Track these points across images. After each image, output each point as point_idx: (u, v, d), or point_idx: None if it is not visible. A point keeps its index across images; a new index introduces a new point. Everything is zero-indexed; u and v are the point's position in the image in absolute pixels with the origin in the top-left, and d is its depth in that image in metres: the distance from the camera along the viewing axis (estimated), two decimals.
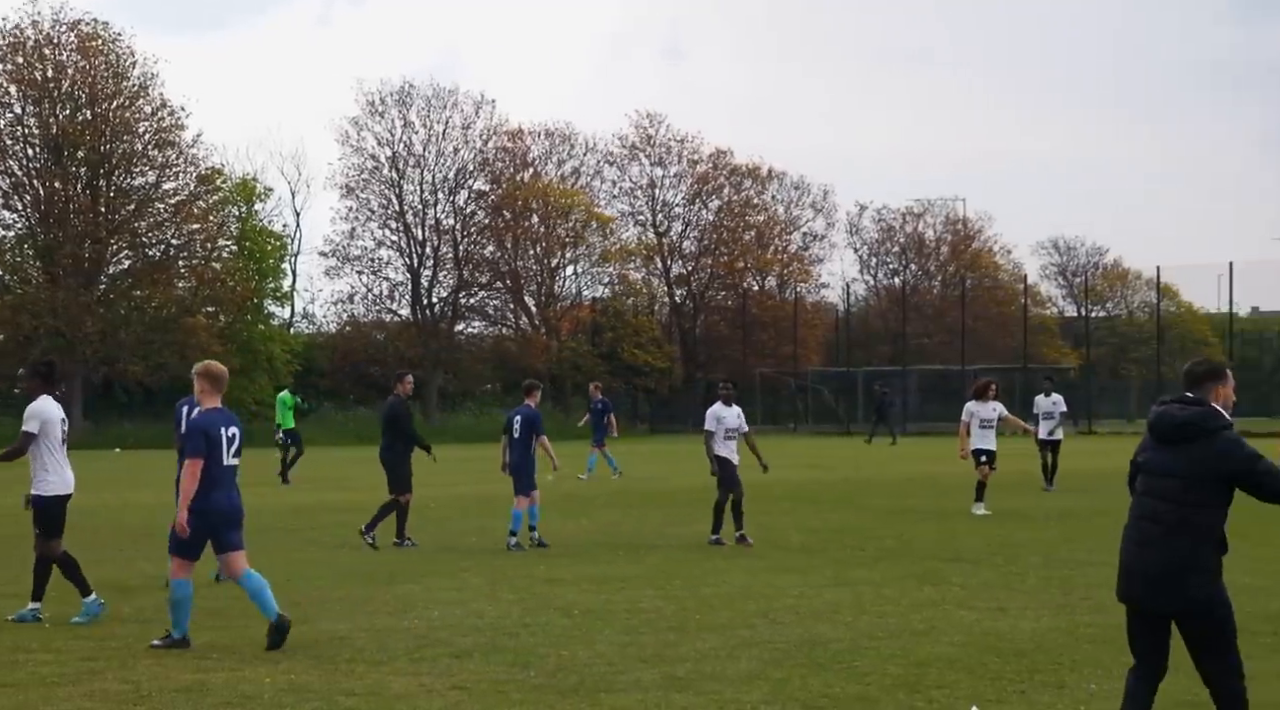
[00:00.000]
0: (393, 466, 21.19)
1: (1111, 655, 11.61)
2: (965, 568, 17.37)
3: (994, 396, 25.58)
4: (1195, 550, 7.96)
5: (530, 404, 21.15)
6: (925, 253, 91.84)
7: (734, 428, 20.76)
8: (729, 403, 20.93)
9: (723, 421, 20.71)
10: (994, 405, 25.45)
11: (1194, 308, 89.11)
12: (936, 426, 73.61)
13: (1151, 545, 8.01)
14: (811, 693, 10.33)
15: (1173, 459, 8.03)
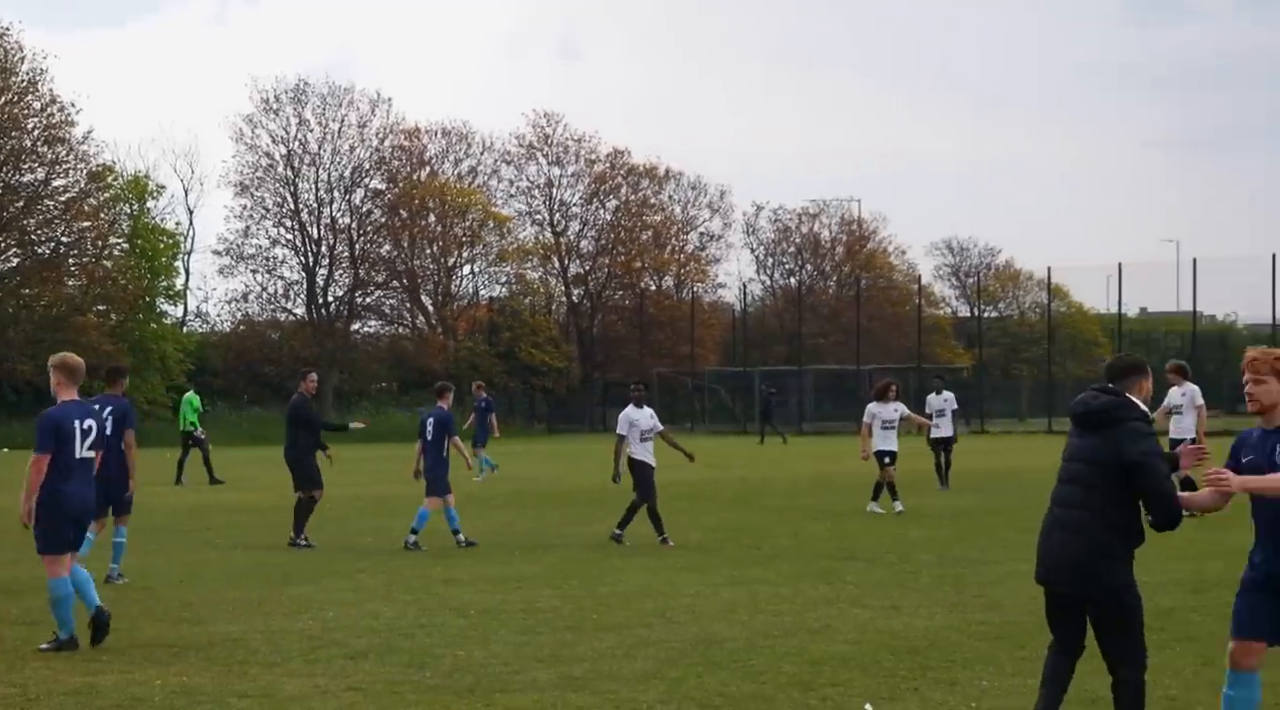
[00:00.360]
0: (296, 464, 21.08)
1: (1005, 652, 11.76)
2: (859, 566, 17.50)
3: (895, 397, 25.78)
4: (1106, 537, 8.20)
5: (443, 406, 21.16)
6: (821, 253, 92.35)
7: (648, 429, 20.76)
8: (640, 404, 20.91)
9: (635, 424, 20.70)
10: (895, 406, 25.64)
11: (1084, 308, 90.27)
12: (832, 426, 74.06)
13: (1065, 530, 8.25)
14: (707, 692, 10.37)
15: (1086, 446, 8.30)
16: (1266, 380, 8.04)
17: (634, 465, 20.58)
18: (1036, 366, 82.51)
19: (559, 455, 49.37)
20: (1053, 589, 8.43)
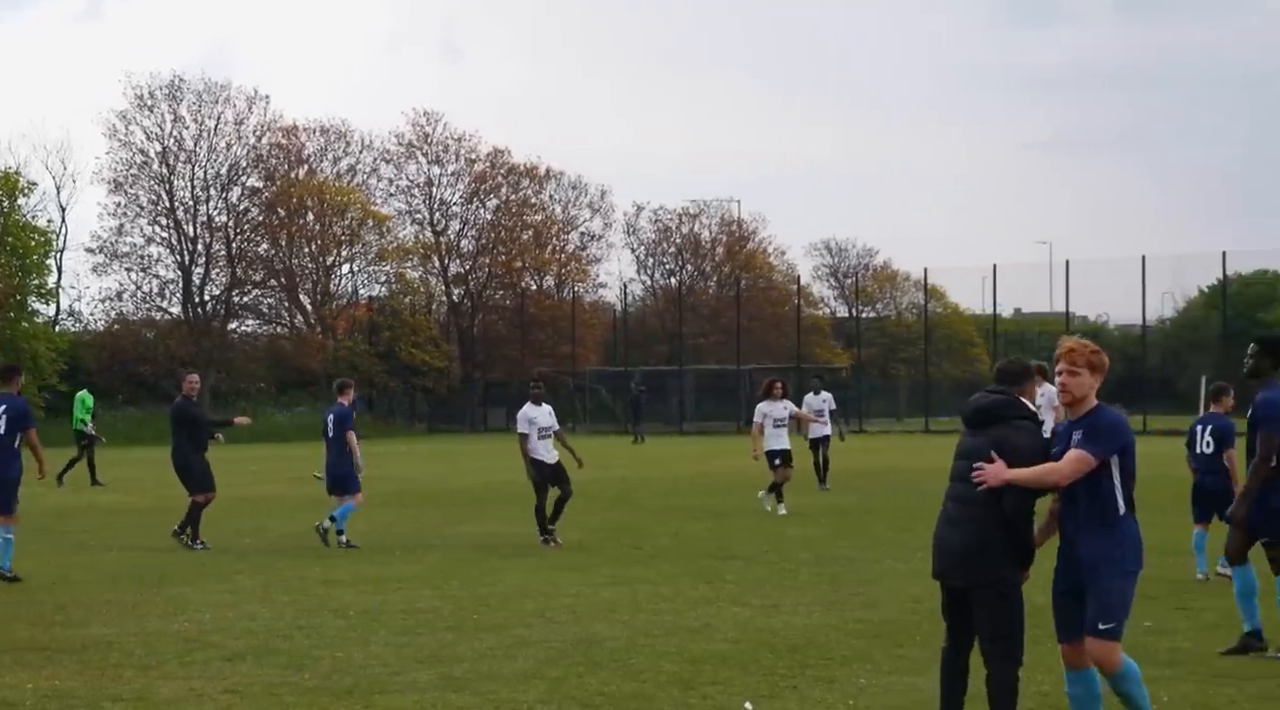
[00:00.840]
0: (186, 469, 20.82)
1: (882, 650, 11.88)
2: (739, 565, 17.59)
3: (784, 395, 25.90)
4: (993, 531, 8.36)
5: (343, 402, 21.17)
6: (701, 253, 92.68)
7: (547, 427, 20.70)
8: (539, 402, 20.86)
9: (535, 422, 20.62)
10: (785, 404, 25.75)
11: (960, 309, 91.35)
12: (712, 425, 74.43)
13: (956, 524, 8.43)
14: (588, 691, 10.38)
15: (975, 443, 8.50)
16: (1081, 372, 8.13)
17: (531, 464, 20.54)
18: (913, 366, 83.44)
19: (439, 455, 49.13)
20: (946, 582, 8.59)
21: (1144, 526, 8.53)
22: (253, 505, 27.31)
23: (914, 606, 13.89)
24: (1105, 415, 8.15)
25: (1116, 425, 8.13)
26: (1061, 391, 8.18)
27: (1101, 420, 8.10)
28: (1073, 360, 8.15)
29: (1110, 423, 8.11)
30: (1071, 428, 8.17)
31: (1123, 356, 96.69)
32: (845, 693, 10.29)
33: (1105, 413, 8.17)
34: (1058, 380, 8.20)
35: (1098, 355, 8.19)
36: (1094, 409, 8.16)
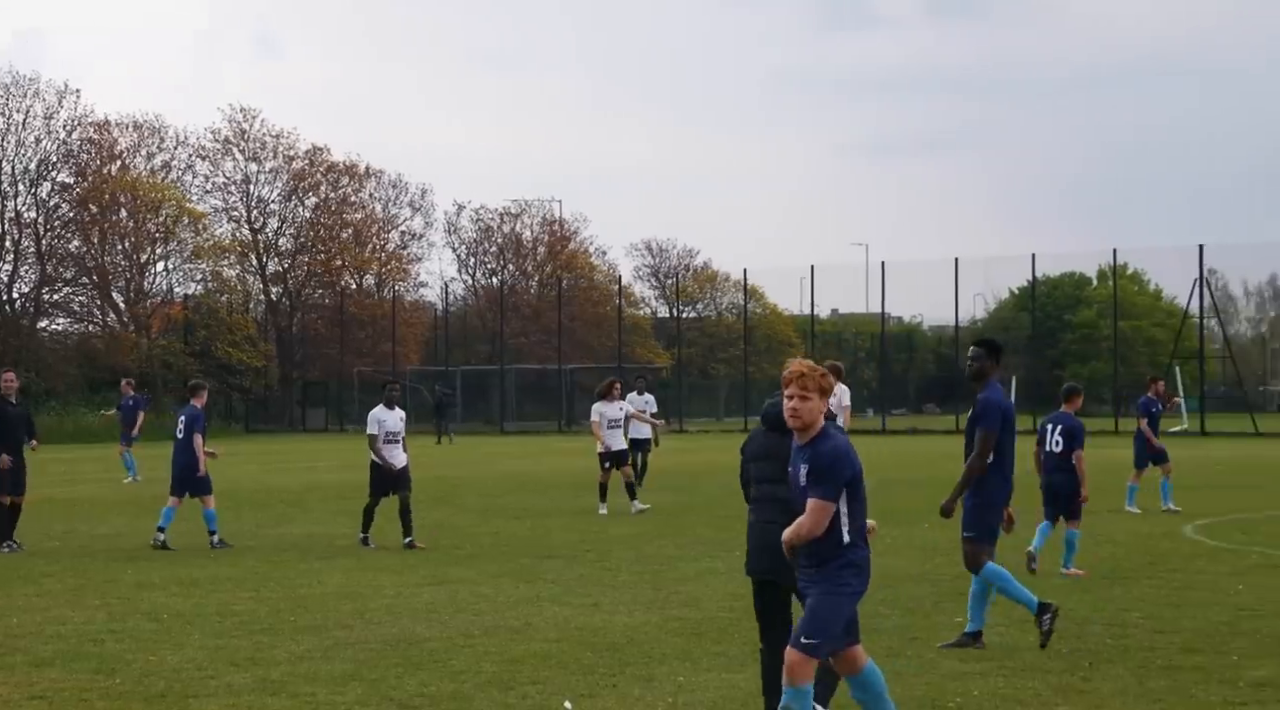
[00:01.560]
0: None
1: (701, 647, 11.97)
2: (559, 564, 17.61)
3: (620, 395, 25.93)
4: None
5: (196, 404, 20.92)
6: (523, 253, 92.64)
7: (394, 431, 20.45)
8: (391, 405, 20.59)
9: (384, 424, 20.38)
10: (620, 404, 25.81)
11: (778, 309, 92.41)
12: (534, 425, 74.42)
13: (770, 523, 8.55)
14: (407, 692, 10.33)
15: (777, 446, 8.64)
16: (811, 397, 7.91)
17: (371, 465, 20.30)
18: (734, 366, 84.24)
19: (257, 456, 48.49)
20: (759, 578, 8.77)
21: (954, 525, 8.71)
22: (63, 507, 26.72)
23: (733, 604, 14.02)
24: (828, 448, 7.91)
25: (839, 458, 7.90)
26: (791, 417, 7.93)
27: (824, 457, 7.88)
28: (804, 385, 7.91)
29: (832, 458, 7.88)
30: (799, 455, 8.01)
31: (936, 357, 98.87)
32: (664, 690, 10.35)
33: (827, 443, 7.92)
34: (787, 405, 7.95)
35: (826, 379, 7.95)
36: (819, 435, 7.93)
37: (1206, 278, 68.14)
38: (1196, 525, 21.65)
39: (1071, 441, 16.60)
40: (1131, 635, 12.37)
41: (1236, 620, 13.12)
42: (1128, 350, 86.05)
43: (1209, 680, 10.48)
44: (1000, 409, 11.93)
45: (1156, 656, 11.41)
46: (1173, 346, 73.32)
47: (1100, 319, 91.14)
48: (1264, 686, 10.26)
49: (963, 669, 10.95)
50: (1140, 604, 14.11)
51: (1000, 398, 12.03)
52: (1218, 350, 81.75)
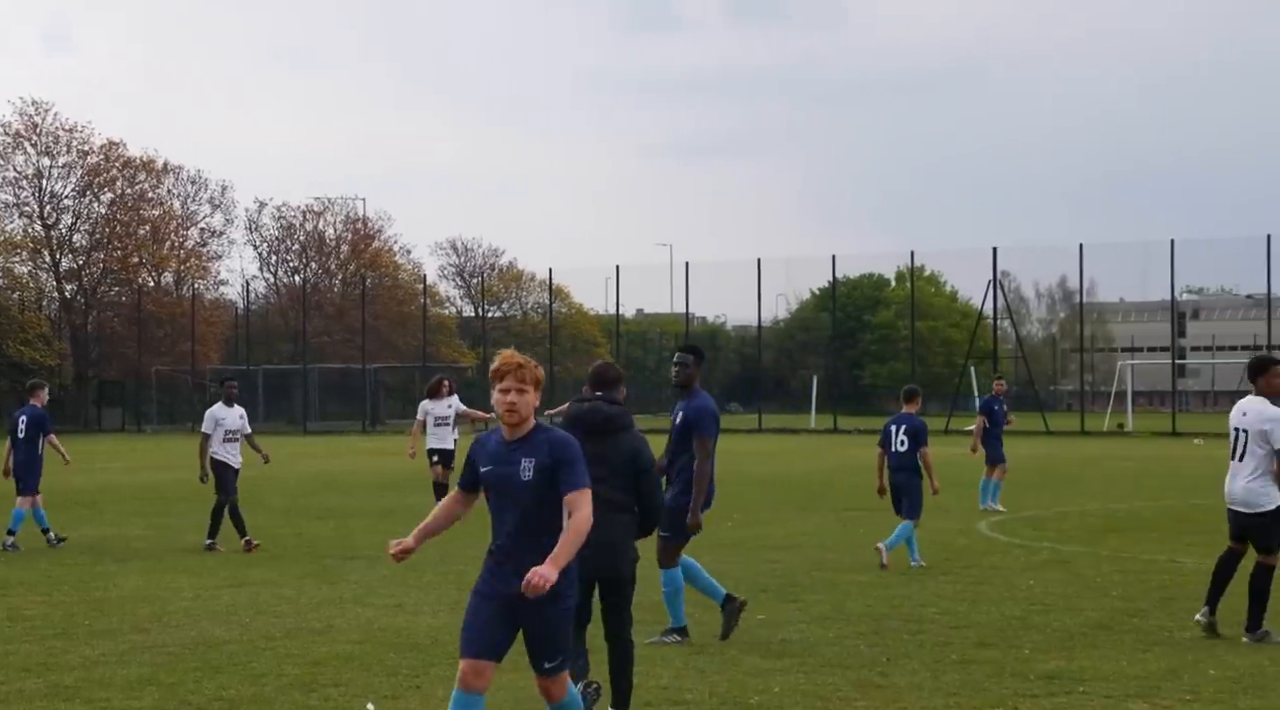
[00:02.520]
0: None
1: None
2: (362, 565, 17.47)
3: (449, 393, 25.64)
4: (625, 528, 9.30)
5: (36, 404, 20.67)
6: (326, 251, 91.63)
7: (235, 429, 20.03)
8: (230, 403, 20.17)
9: (222, 423, 19.95)
10: (449, 402, 25.54)
11: (584, 309, 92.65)
12: (337, 425, 73.66)
13: (602, 525, 8.78)
14: (205, 696, 10.17)
15: (600, 448, 9.06)
16: (528, 390, 7.37)
17: (214, 465, 19.92)
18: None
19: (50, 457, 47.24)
20: (604, 575, 9.20)
21: (761, 523, 8.84)
22: None
23: None
24: (557, 437, 7.46)
25: (571, 444, 7.44)
26: (509, 412, 7.34)
27: (563, 449, 7.38)
28: (522, 378, 7.37)
29: (568, 446, 7.42)
30: (512, 449, 7.41)
31: (739, 356, 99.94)
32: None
33: (553, 434, 7.47)
34: (504, 400, 7.35)
35: (539, 370, 7.46)
36: (535, 430, 7.44)
37: (1000, 280, 69.88)
38: (990, 522, 22.17)
39: (916, 440, 17.15)
40: (928, 630, 12.63)
41: (1028, 615, 13.46)
42: (925, 350, 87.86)
43: (1001, 673, 10.75)
44: (714, 415, 12.16)
45: (951, 651, 11.66)
46: (968, 347, 75.05)
47: (898, 319, 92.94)
48: (1054, 679, 10.55)
49: (764, 666, 11.09)
50: (936, 600, 14.41)
51: (712, 404, 12.25)
52: (1010, 350, 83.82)
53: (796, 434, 64.94)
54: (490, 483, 7.49)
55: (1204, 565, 16.92)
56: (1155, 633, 12.49)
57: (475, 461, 7.60)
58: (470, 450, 7.68)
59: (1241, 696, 9.98)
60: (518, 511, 7.41)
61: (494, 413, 7.62)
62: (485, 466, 7.50)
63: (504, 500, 7.45)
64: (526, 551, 7.32)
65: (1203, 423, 64.00)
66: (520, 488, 7.38)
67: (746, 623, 12.97)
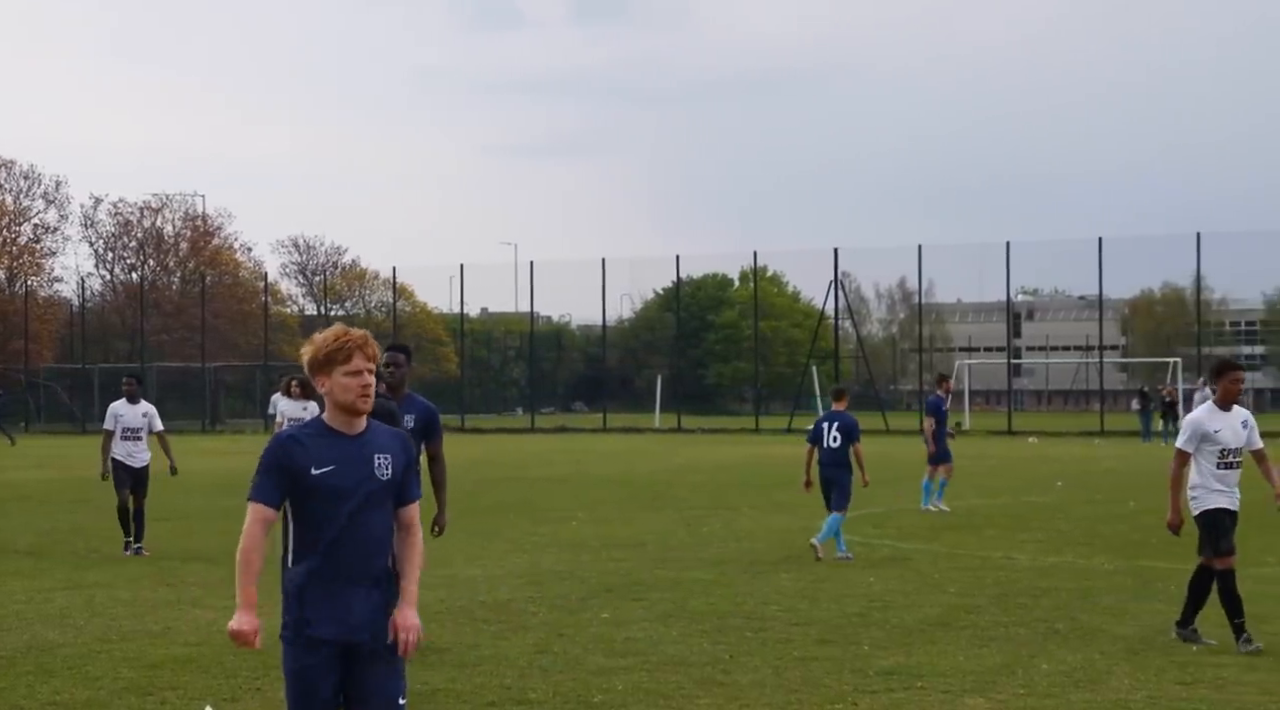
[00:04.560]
0: None
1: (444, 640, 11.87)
2: (202, 567, 17.24)
3: (304, 394, 25.37)
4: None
5: None
6: (165, 248, 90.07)
7: (135, 427, 19.51)
8: (134, 399, 19.66)
9: (121, 419, 19.45)
10: (304, 404, 25.31)
11: (428, 308, 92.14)
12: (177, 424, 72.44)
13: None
14: (39, 701, 9.98)
15: None
16: (375, 371, 6.23)
17: (113, 463, 19.35)
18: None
19: None
20: None
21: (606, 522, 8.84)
22: None
23: None
24: (396, 431, 6.48)
25: (410, 441, 6.48)
26: (363, 397, 6.14)
27: (410, 448, 6.42)
28: (373, 354, 6.26)
29: (411, 444, 6.44)
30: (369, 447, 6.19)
31: (584, 356, 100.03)
32: None
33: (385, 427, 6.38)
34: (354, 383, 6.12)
35: None
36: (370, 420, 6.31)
37: (841, 280, 70.65)
38: None
39: (849, 436, 17.95)
40: (770, 628, 12.75)
41: (868, 611, 13.65)
42: (767, 350, 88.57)
43: (841, 670, 10.88)
44: (438, 415, 11.84)
45: (793, 648, 11.79)
46: (809, 346, 75.79)
47: (742, 319, 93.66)
48: (892, 674, 10.71)
49: (608, 665, 11.12)
50: (778, 597, 14.55)
51: (433, 405, 11.93)
52: (851, 350, 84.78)
53: (641, 433, 65.15)
54: (330, 489, 6.04)
55: (1038, 562, 17.34)
56: (991, 629, 12.72)
57: (293, 465, 6.04)
58: (275, 453, 6.08)
59: (1074, 690, 10.21)
60: (365, 524, 6.09)
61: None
62: (321, 467, 6.03)
63: (351, 508, 6.05)
64: (365, 579, 6.10)
65: (1037, 421, 65.35)
66: (380, 491, 6.12)
67: (591, 621, 13.01)
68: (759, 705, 9.83)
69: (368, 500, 6.10)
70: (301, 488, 6.06)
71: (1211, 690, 10.19)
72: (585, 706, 9.83)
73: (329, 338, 6.26)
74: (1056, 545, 19.20)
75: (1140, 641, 12.05)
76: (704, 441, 55.44)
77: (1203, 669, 10.88)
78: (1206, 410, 12.11)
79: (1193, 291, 78.62)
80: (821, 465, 18.06)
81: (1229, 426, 11.92)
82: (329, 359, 6.18)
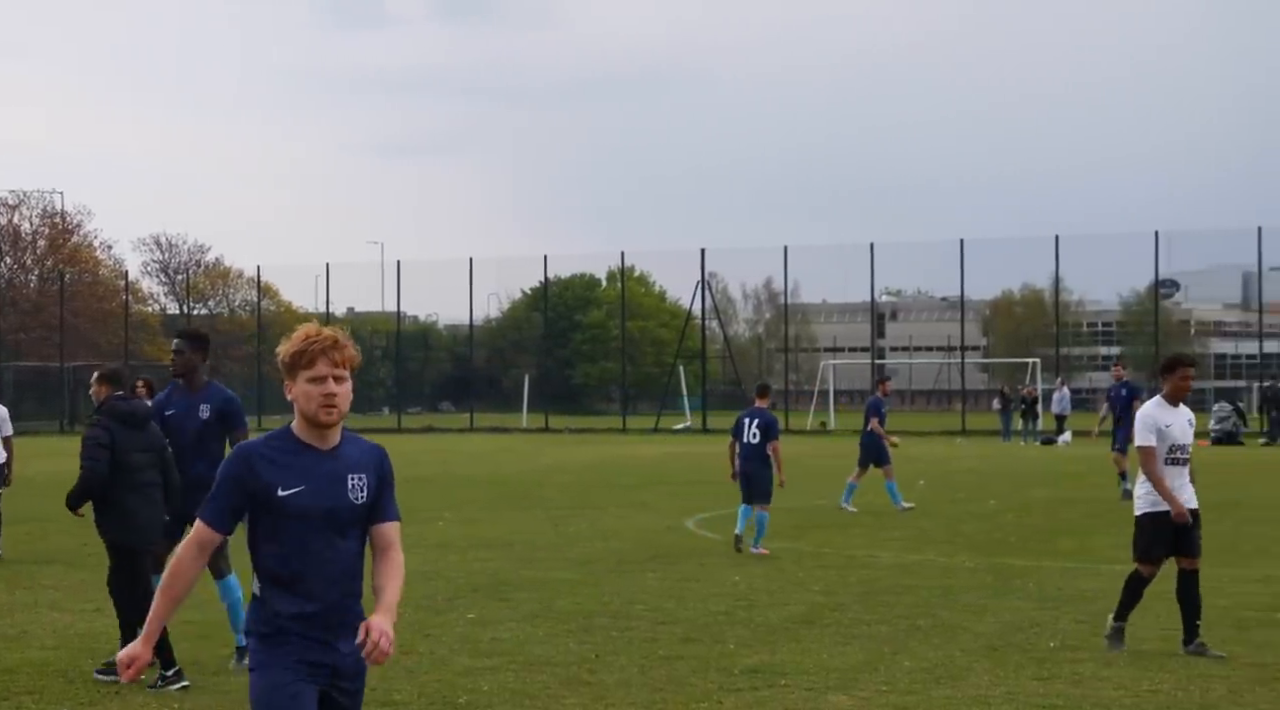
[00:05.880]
0: None
1: (210, 651, 11.75)
2: (59, 570, 16.95)
3: (150, 397, 24.94)
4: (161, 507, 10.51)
5: None
6: (21, 246, 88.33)
7: None
8: None
9: None
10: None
11: (293, 307, 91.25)
12: (34, 425, 71.13)
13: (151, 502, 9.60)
14: None
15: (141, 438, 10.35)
16: (347, 377, 5.53)
17: None
18: (246, 364, 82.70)
19: None
20: None
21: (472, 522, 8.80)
22: None
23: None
24: (374, 444, 5.82)
25: (387, 455, 5.83)
26: (326, 409, 5.46)
27: (387, 462, 5.81)
28: (339, 359, 5.55)
29: (387, 457, 5.82)
30: (342, 465, 5.56)
31: (451, 355, 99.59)
32: (169, 696, 10.13)
33: (364, 440, 5.75)
34: (317, 391, 5.47)
35: (356, 351, 5.69)
36: (345, 434, 5.66)
37: (708, 281, 71.02)
38: (697, 519, 22.53)
39: (768, 433, 18.44)
40: (636, 627, 12.79)
41: (733, 610, 13.74)
42: (635, 350, 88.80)
43: (706, 669, 10.95)
44: (238, 404, 11.67)
45: (658, 647, 11.83)
46: (677, 346, 76.06)
47: (609, 319, 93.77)
48: (756, 673, 10.79)
49: (473, 665, 11.09)
50: (644, 596, 14.60)
51: (232, 394, 11.79)
52: (718, 350, 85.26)
53: (508, 433, 65.02)
54: (300, 511, 5.42)
55: (901, 560, 17.57)
56: (854, 626, 12.85)
57: (257, 483, 5.42)
58: (234, 468, 5.48)
59: (935, 686, 10.35)
60: (340, 549, 5.50)
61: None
62: (290, 488, 5.40)
63: (320, 535, 5.45)
64: (348, 608, 5.54)
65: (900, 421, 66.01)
66: (352, 515, 5.52)
67: (457, 622, 12.97)
68: (624, 705, 9.86)
69: (338, 525, 5.48)
70: (265, 510, 5.41)
71: (1068, 686, 10.38)
72: (451, 707, 9.80)
73: (295, 339, 5.57)
74: (919, 543, 19.44)
75: (999, 638, 12.24)
76: (571, 441, 55.45)
77: (1060, 665, 11.08)
78: (1156, 405, 11.86)
79: (1051, 293, 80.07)
80: (741, 459, 18.62)
81: (1178, 422, 11.74)
82: (293, 363, 5.52)
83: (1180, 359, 12.05)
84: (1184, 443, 11.74)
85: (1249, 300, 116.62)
